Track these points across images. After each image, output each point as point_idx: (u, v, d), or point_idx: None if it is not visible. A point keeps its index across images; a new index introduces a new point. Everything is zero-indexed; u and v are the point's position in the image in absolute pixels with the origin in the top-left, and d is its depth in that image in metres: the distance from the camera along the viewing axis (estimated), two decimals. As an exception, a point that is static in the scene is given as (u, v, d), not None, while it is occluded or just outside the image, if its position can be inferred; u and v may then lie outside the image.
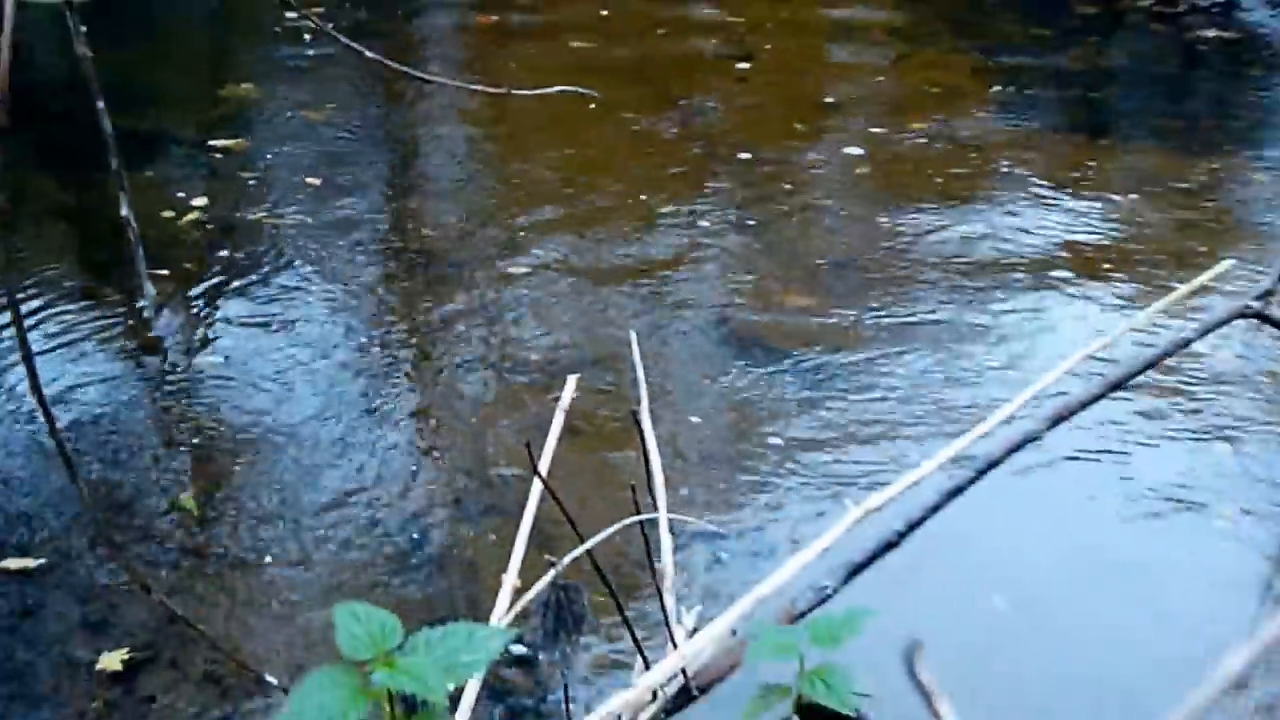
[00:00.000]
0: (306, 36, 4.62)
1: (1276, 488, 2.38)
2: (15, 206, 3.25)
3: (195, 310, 3.01)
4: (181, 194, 3.50)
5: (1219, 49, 4.89)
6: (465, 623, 0.91)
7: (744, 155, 3.89)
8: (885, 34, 5.06)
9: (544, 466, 1.01)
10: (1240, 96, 4.53)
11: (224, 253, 3.21)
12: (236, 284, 3.08)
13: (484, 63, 4.97)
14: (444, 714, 0.86)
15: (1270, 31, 5.08)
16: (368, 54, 1.27)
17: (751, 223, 3.46)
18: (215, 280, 3.11)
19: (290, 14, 4.36)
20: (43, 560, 2.06)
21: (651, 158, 3.93)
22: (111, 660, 1.82)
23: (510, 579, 0.96)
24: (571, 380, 1.19)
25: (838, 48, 5.01)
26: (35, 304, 2.90)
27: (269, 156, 3.85)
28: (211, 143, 3.87)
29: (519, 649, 1.34)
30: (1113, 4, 5.38)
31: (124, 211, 0.79)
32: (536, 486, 1.00)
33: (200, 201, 3.49)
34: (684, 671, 0.88)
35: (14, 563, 2.06)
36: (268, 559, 2.08)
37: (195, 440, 2.46)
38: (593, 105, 4.05)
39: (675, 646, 0.93)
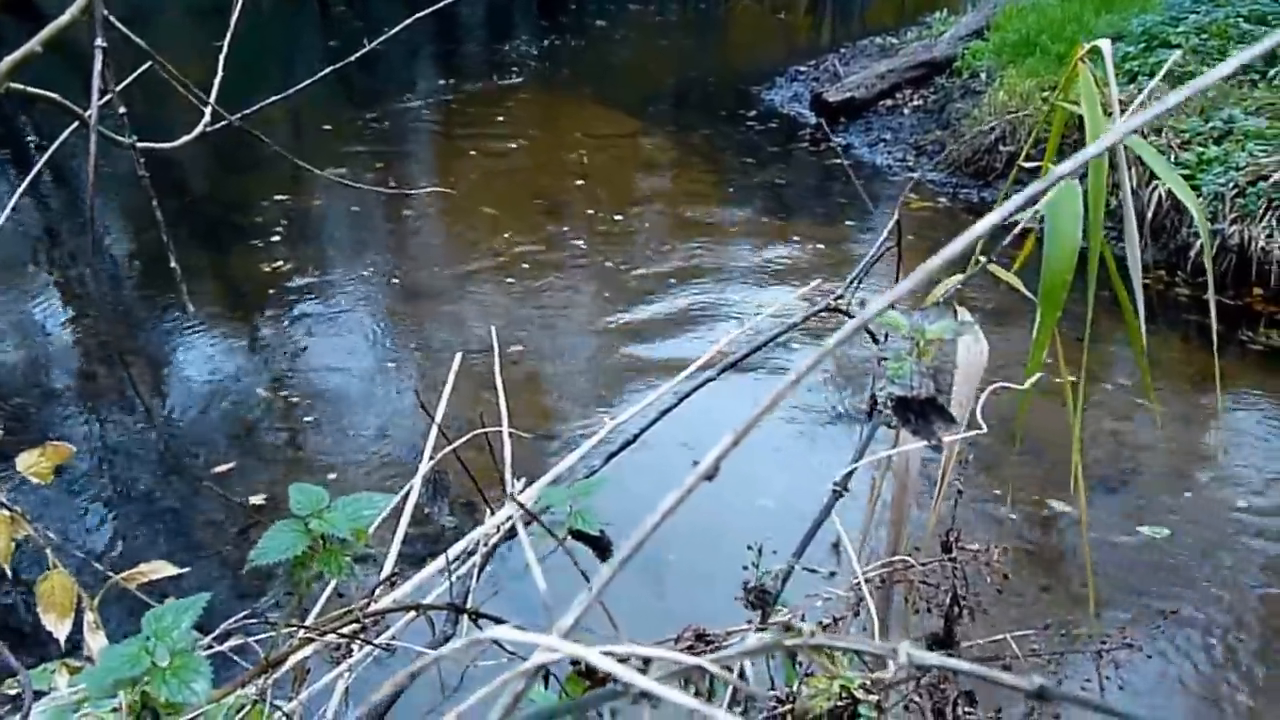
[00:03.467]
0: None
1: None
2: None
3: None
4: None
5: (842, 170, 7.37)
6: (367, 493, 1.33)
7: (590, 217, 6.47)
8: (667, 166, 7.65)
9: (441, 409, 1.45)
10: (854, 193, 6.85)
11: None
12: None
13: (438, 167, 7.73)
14: (357, 545, 1.27)
15: (870, 160, 7.71)
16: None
17: (600, 246, 5.96)
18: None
19: None
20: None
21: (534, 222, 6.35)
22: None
23: (422, 470, 1.39)
24: (458, 356, 1.65)
25: (640, 174, 7.50)
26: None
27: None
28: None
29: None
30: (785, 145, 8.01)
31: (173, 264, 1.16)
32: (438, 418, 1.38)
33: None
34: (513, 515, 1.33)
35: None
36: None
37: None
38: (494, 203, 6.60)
39: (515, 500, 1.39)
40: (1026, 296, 1.70)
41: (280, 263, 5.74)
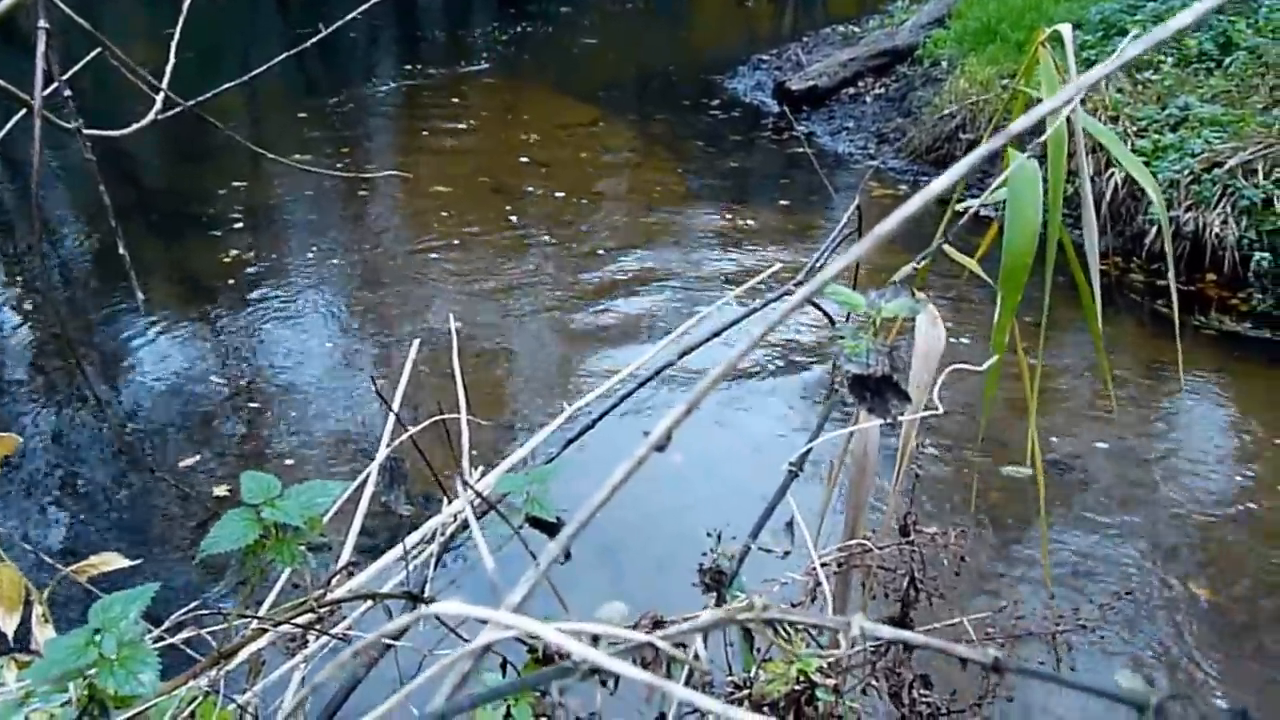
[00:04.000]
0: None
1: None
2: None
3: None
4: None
5: (805, 158, 7.37)
6: (320, 481, 1.31)
7: (551, 206, 6.42)
8: (629, 155, 7.58)
9: (399, 398, 1.43)
10: (816, 181, 6.87)
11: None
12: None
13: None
14: (308, 533, 1.26)
15: (832, 148, 7.72)
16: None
17: (560, 234, 5.96)
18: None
19: None
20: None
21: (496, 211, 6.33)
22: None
23: (379, 459, 1.37)
24: (415, 343, 1.63)
25: (601, 163, 7.42)
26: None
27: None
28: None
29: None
30: (748, 134, 8.02)
31: (121, 250, 1.13)
32: (395, 405, 1.36)
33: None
34: (471, 503, 1.32)
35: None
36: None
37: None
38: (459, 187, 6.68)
39: (466, 488, 1.37)
40: (988, 285, 1.71)
41: (239, 252, 5.66)
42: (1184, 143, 5.68)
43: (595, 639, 0.42)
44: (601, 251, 5.78)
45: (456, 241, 5.85)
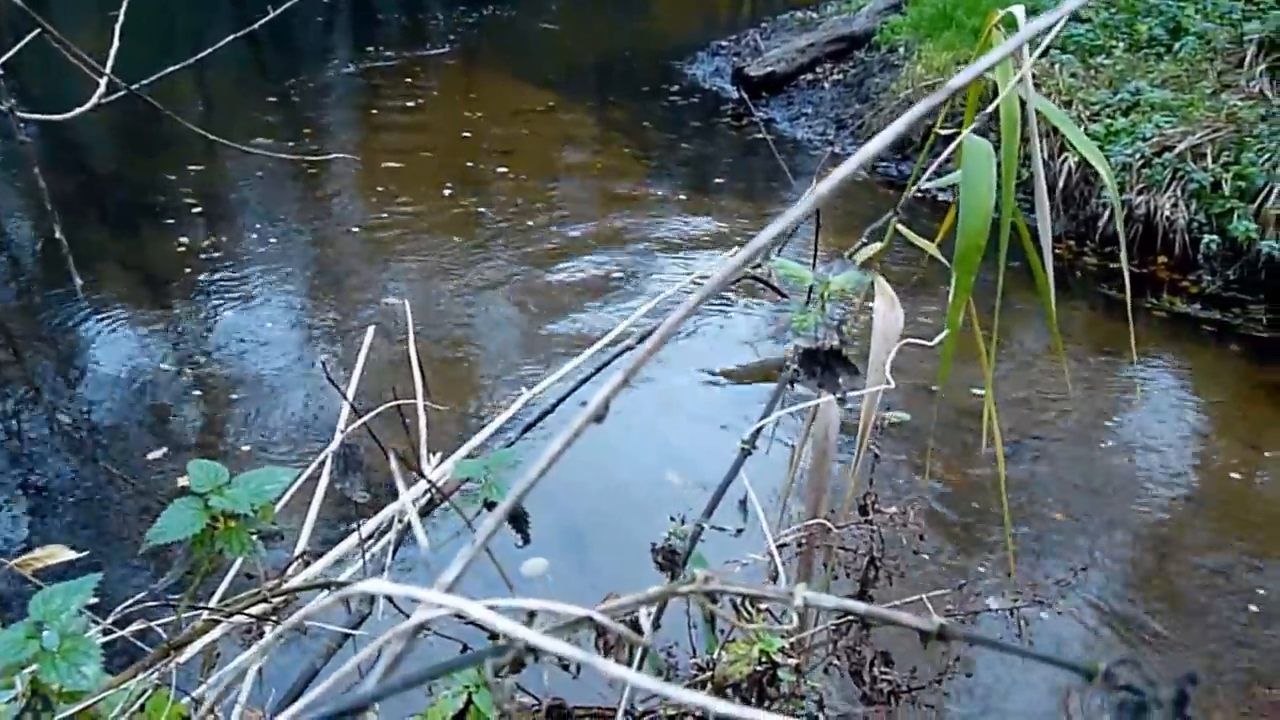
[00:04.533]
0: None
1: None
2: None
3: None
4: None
5: (764, 144, 7.37)
6: (269, 468, 1.28)
7: (511, 185, 6.46)
8: (589, 142, 7.51)
9: (354, 384, 1.40)
10: (774, 167, 6.92)
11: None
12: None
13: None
14: (257, 521, 1.23)
15: (791, 134, 7.74)
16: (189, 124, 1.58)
17: (520, 224, 5.92)
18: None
19: None
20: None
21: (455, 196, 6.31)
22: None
23: (332, 446, 1.35)
24: (370, 330, 1.60)
25: (560, 149, 7.38)
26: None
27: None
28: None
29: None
30: (707, 120, 8.05)
31: (58, 235, 1.09)
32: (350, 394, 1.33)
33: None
34: (432, 488, 1.30)
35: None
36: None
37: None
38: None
39: (424, 475, 1.35)
40: (950, 270, 1.71)
41: (193, 240, 5.56)
42: (1135, 127, 5.75)
43: (531, 615, 0.41)
44: (564, 237, 5.75)
45: (414, 226, 5.79)
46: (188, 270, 5.25)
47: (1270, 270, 5.06)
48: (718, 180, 6.88)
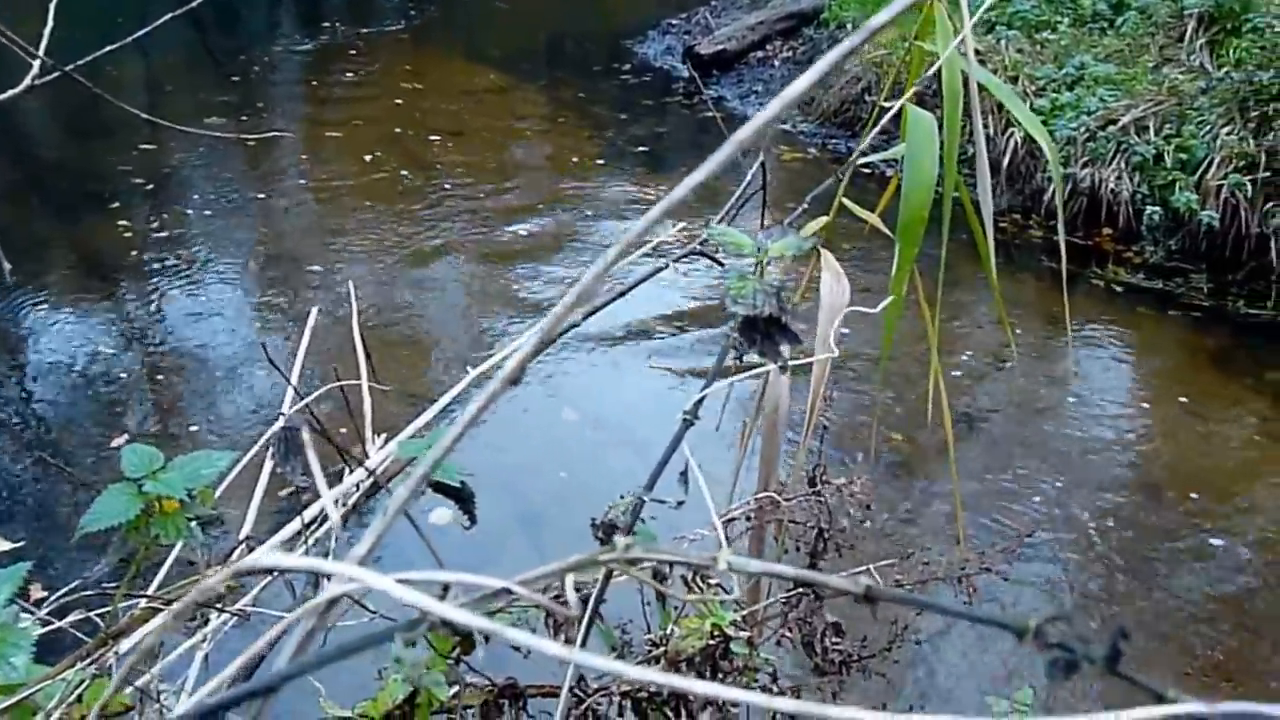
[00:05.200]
0: None
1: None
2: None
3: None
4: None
5: (715, 121, 7.15)
6: (206, 451, 1.25)
7: (459, 172, 6.33)
8: (540, 122, 7.47)
9: (298, 366, 1.37)
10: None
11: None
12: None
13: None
14: (197, 507, 1.20)
15: (742, 112, 7.67)
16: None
17: (470, 205, 5.87)
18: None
19: None
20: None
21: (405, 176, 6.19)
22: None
23: (272, 430, 1.32)
24: (313, 311, 1.57)
25: (511, 129, 7.33)
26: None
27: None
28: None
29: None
30: (659, 99, 8.04)
31: None
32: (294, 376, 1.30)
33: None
34: (373, 473, 1.28)
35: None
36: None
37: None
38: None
39: (368, 456, 1.33)
40: (895, 242, 1.71)
41: (140, 225, 5.44)
42: (1080, 101, 5.81)
43: (446, 588, 0.39)
44: (515, 217, 5.71)
45: (363, 205, 5.71)
46: (134, 253, 5.13)
47: (1210, 240, 5.15)
48: (669, 158, 6.87)
